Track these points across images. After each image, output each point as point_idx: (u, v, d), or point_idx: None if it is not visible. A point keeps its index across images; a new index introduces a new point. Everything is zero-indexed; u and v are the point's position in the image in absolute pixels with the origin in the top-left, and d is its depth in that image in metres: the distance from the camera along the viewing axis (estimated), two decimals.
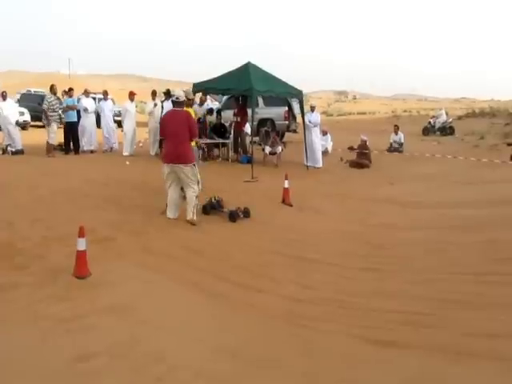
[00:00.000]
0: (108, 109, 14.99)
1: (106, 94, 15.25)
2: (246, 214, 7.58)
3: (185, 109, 7.39)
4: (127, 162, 12.27)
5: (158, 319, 4.00)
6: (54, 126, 12.95)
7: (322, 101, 61.75)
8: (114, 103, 18.17)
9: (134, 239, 6.08)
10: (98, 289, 4.48)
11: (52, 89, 13.15)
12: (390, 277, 5.49)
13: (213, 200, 7.71)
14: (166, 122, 7.16)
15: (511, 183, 10.93)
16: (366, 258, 6.20)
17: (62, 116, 13.17)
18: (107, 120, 14.84)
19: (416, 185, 11.65)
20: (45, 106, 12.90)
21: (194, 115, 8.05)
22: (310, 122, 14.08)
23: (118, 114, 17.62)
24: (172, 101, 7.33)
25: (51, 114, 12.82)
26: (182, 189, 7.13)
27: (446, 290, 5.00)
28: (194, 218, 7.01)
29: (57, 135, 13.14)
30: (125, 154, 13.62)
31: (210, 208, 7.61)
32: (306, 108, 14.30)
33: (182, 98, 7.19)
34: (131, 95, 14.30)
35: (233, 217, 7.35)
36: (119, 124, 16.82)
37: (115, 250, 5.63)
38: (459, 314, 4.38)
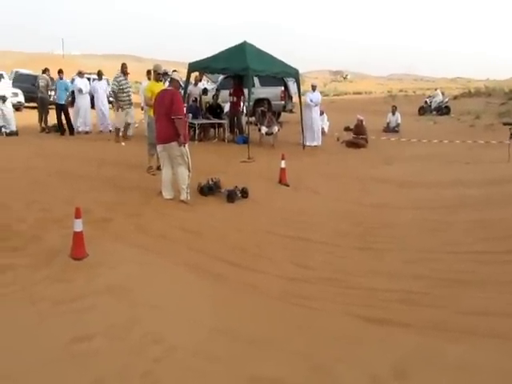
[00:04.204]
0: (102, 89, 14.77)
1: (100, 74, 15.00)
2: (244, 193, 7.57)
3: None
4: (123, 143, 12.18)
5: (156, 300, 4.00)
6: (121, 110, 12.18)
7: (318, 81, 61.27)
8: (108, 84, 17.92)
9: (131, 220, 6.06)
10: (95, 270, 4.46)
11: (122, 68, 12.29)
12: (385, 256, 5.52)
13: (210, 182, 7.68)
14: (155, 102, 7.19)
15: (508, 163, 10.93)
16: (363, 237, 6.22)
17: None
18: (101, 100, 14.65)
19: (412, 165, 11.63)
20: (114, 87, 12.09)
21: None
22: (311, 101, 14.09)
23: None
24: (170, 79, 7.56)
25: (121, 95, 12.03)
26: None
27: (441, 269, 5.03)
28: (188, 197, 7.03)
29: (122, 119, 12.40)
30: (120, 134, 13.46)
31: (208, 189, 7.58)
32: (303, 88, 14.19)
33: (176, 76, 7.30)
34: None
35: (231, 197, 7.33)
36: None
37: (112, 231, 5.61)
38: (454, 293, 4.42)
